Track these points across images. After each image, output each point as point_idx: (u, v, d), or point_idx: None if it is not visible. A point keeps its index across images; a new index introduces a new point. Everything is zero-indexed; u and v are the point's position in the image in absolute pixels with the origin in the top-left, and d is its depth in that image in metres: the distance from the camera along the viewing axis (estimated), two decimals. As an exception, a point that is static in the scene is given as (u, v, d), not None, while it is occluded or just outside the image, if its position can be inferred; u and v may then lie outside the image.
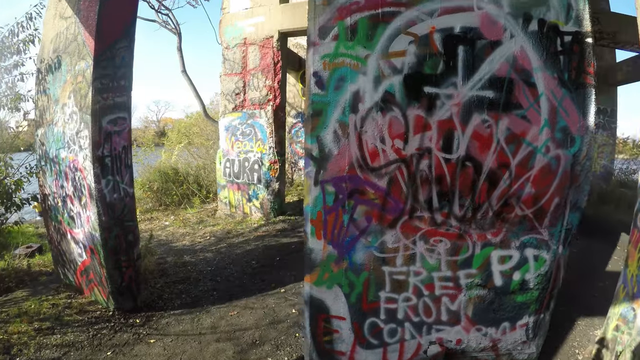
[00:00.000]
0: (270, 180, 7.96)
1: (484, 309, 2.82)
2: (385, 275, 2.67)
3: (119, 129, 3.52)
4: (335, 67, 2.45)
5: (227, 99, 8.06)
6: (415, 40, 2.43)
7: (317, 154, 2.52)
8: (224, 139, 8.25)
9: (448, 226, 2.60)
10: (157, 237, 6.90)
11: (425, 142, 2.49)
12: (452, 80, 2.44)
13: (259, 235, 7.05)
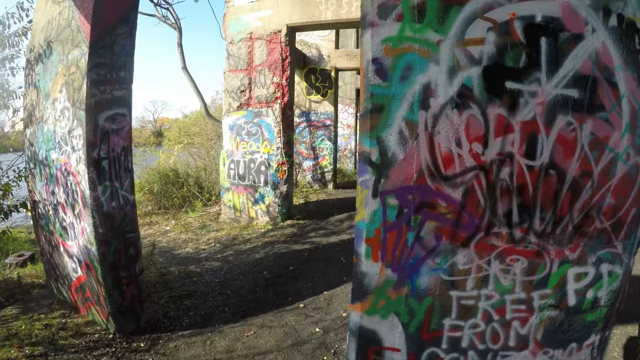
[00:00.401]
0: (278, 182, 7.51)
1: (553, 331, 2.45)
2: (452, 301, 2.24)
3: (117, 127, 3.07)
4: (400, 54, 2.02)
5: (231, 96, 7.60)
6: (494, 27, 2.01)
7: (377, 158, 2.09)
8: (228, 138, 7.79)
9: (527, 243, 2.17)
10: (158, 244, 6.44)
11: (506, 147, 2.06)
12: (536, 76, 2.03)
13: (267, 241, 6.60)
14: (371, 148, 2.08)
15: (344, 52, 11.70)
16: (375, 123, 2.06)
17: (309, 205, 9.55)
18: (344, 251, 6.17)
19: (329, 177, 12.20)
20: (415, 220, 2.11)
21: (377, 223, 2.16)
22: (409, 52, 2.01)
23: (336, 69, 11.69)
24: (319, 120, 11.91)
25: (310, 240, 6.71)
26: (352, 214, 8.80)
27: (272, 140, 7.41)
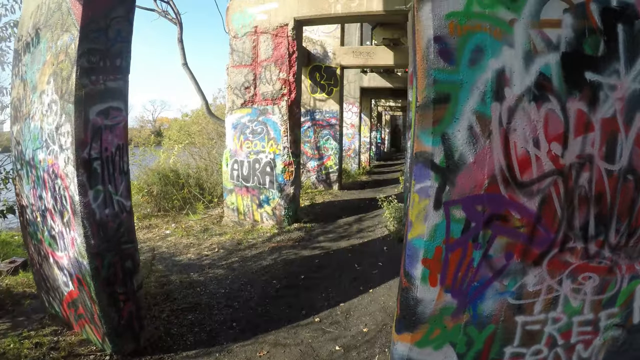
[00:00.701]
0: (284, 184, 7.14)
1: (614, 352, 2.14)
2: (517, 327, 1.89)
3: (111, 123, 2.68)
4: (469, 32, 1.69)
5: (235, 93, 7.22)
6: (570, 8, 1.66)
7: (441, 161, 1.73)
8: (232, 138, 7.42)
9: (601, 258, 1.82)
10: (158, 249, 6.06)
11: (587, 148, 1.72)
12: (615, 67, 1.69)
13: (273, 246, 6.22)
14: (434, 147, 1.71)
15: (350, 49, 11.34)
16: (440, 116, 1.70)
17: (315, 207, 9.18)
18: (356, 257, 5.80)
19: (334, 178, 11.84)
20: (484, 236, 1.74)
21: (438, 240, 1.79)
22: (478, 31, 1.66)
23: (342, 66, 11.33)
24: (324, 119, 11.54)
25: (319, 246, 6.33)
26: (361, 216, 8.44)
27: (279, 139, 7.04)
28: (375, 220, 8.09)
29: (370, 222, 7.96)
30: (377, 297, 4.46)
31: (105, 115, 2.62)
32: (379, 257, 5.86)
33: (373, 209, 9.16)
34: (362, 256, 5.87)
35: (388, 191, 12.11)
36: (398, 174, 17.17)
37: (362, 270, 5.27)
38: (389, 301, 4.35)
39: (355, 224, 7.84)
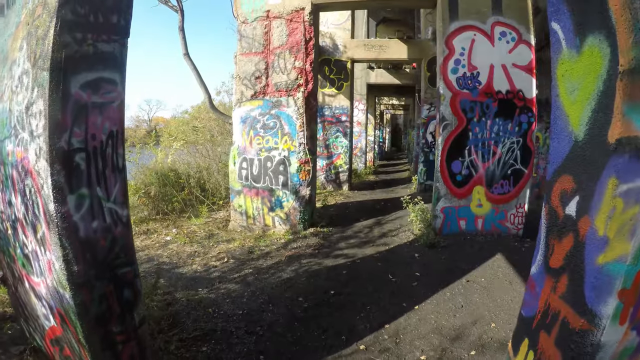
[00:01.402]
0: (300, 184, 6.42)
1: None
2: None
3: (102, 101, 1.93)
4: None
5: (244, 84, 6.50)
6: None
7: None
8: (240, 133, 6.69)
9: None
10: (159, 259, 5.34)
11: None
12: None
13: (291, 255, 5.50)
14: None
15: (361, 42, 10.66)
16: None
17: (327, 209, 8.46)
18: (387, 266, 5.10)
19: (344, 178, 11.14)
20: None
21: (640, 264, 1.10)
22: None
23: (352, 60, 10.64)
24: (334, 115, 10.84)
25: (342, 253, 5.62)
26: (380, 219, 7.73)
27: (294, 134, 6.32)
28: (397, 223, 7.39)
29: (392, 226, 7.26)
30: (425, 316, 3.76)
31: (94, 90, 1.88)
32: (413, 266, 5.15)
33: (390, 211, 8.47)
34: (394, 265, 5.16)
35: (400, 191, 11.43)
36: (406, 173, 16.54)
37: (399, 283, 4.56)
38: (441, 320, 3.66)
39: (376, 227, 7.13)
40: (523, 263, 5.10)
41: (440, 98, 6.09)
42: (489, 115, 6.15)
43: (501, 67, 6.13)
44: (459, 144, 6.15)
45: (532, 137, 6.37)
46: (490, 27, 6.09)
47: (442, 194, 6.22)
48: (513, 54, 6.16)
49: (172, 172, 8.35)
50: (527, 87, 6.19)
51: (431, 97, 10.28)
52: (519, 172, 6.35)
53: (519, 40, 6.15)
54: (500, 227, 6.38)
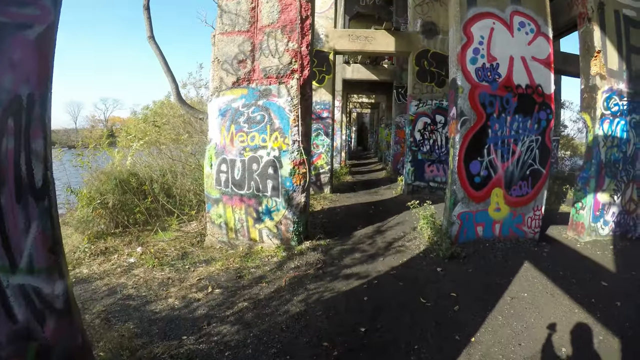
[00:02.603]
0: (294, 190, 5.39)
1: None
2: None
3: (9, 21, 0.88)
4: None
5: (224, 68, 5.38)
6: None
7: None
8: (218, 128, 5.56)
9: None
10: (122, 290, 4.16)
11: None
12: None
13: (292, 278, 4.49)
14: None
15: (346, 32, 9.75)
16: None
17: (316, 216, 7.46)
18: (413, 286, 4.28)
19: (325, 180, 10.18)
20: None
21: None
22: None
23: (335, 51, 9.72)
24: (314, 111, 9.84)
25: (352, 272, 4.68)
26: (378, 226, 6.85)
27: (286, 130, 5.28)
28: (399, 231, 6.53)
29: (394, 233, 6.39)
30: (488, 350, 3.03)
31: None
32: (442, 284, 4.35)
33: (386, 216, 7.62)
34: (419, 285, 4.32)
35: (385, 193, 10.67)
36: (382, 173, 15.84)
37: (437, 308, 3.74)
38: (508, 353, 3.02)
39: (377, 236, 6.23)
40: (553, 270, 4.75)
41: (458, 90, 5.28)
42: (508, 111, 5.44)
43: (520, 60, 5.48)
44: (477, 142, 5.38)
45: (551, 135, 5.73)
46: (510, 17, 5.47)
47: (459, 198, 5.41)
48: (532, 46, 5.55)
49: (132, 177, 7.04)
50: (546, 82, 5.62)
51: (420, 92, 9.55)
52: (537, 172, 5.69)
53: (537, 32, 5.58)
54: (518, 232, 5.72)
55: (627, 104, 5.98)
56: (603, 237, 6.10)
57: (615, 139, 5.95)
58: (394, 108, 14.20)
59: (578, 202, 6.12)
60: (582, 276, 4.66)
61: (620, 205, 6.16)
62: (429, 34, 9.45)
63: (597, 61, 5.78)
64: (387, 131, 18.07)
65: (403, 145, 14.23)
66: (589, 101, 5.94)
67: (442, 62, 9.46)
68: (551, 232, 6.37)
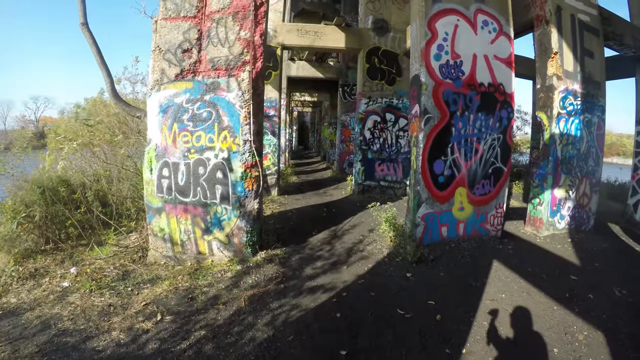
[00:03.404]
0: (246, 196, 4.85)
1: None
2: None
3: None
4: None
5: (166, 59, 4.71)
6: None
7: None
8: (159, 127, 4.88)
9: None
10: (57, 323, 3.42)
11: None
12: None
13: (251, 296, 3.97)
14: None
15: (294, 26, 9.26)
16: None
17: (267, 222, 6.93)
18: (386, 296, 4.02)
19: (272, 181, 9.66)
20: None
21: None
22: None
23: (283, 46, 9.22)
24: (261, 110, 9.27)
25: (317, 285, 4.27)
26: (334, 230, 6.48)
27: (236, 129, 4.73)
28: (356, 234, 6.21)
29: (352, 237, 6.05)
30: None
31: None
32: (416, 291, 4.15)
33: (340, 218, 7.28)
34: (392, 294, 4.05)
35: (334, 193, 10.35)
36: (328, 173, 15.54)
37: (418, 320, 3.50)
38: None
39: (336, 242, 5.86)
40: (522, 268, 4.77)
41: (421, 87, 5.04)
42: (471, 109, 5.32)
43: (483, 58, 5.42)
44: (441, 141, 5.20)
45: (511, 134, 5.70)
46: (473, 14, 5.41)
47: (423, 199, 5.18)
48: (495, 45, 5.52)
49: (62, 185, 6.08)
50: (507, 81, 5.62)
51: (370, 90, 9.32)
52: (499, 170, 5.64)
53: (500, 31, 5.58)
54: (481, 230, 5.65)
55: (581, 103, 6.15)
56: (560, 231, 6.25)
57: (571, 137, 6.08)
58: (340, 106, 13.96)
59: (535, 198, 6.19)
60: (550, 271, 4.70)
61: (574, 200, 6.32)
62: (380, 31, 9.25)
63: (554, 62, 5.89)
64: (331, 130, 17.85)
65: (349, 144, 14.07)
66: (546, 100, 6.01)
67: (392, 60, 9.31)
68: (508, 227, 6.42)
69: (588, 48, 6.34)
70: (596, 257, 5.26)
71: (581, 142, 6.28)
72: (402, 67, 9.36)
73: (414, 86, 5.29)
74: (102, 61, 7.87)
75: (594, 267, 4.94)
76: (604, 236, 6.47)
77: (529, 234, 6.20)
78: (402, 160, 9.59)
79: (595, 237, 6.28)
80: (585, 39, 6.29)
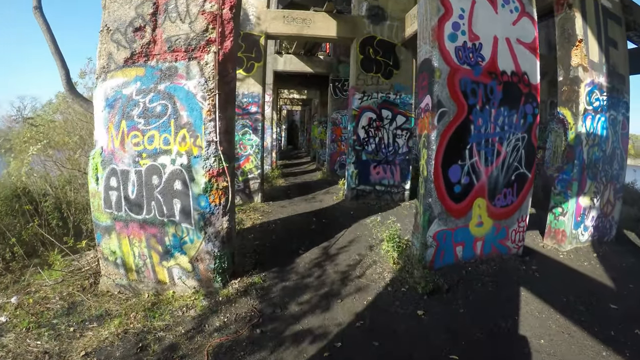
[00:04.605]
0: (211, 212, 3.84)
1: None
2: None
3: None
4: None
5: (114, 39, 3.69)
6: None
7: None
8: (105, 125, 3.87)
9: None
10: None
11: None
12: None
13: (217, 346, 3.01)
14: None
15: (280, 13, 8.26)
16: None
17: (245, 237, 5.91)
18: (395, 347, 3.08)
19: (255, 186, 8.63)
20: None
21: None
22: None
23: (267, 35, 8.19)
24: (241, 106, 8.27)
25: (303, 329, 3.32)
26: (326, 248, 5.52)
27: (198, 126, 3.71)
28: (352, 253, 5.25)
29: (348, 257, 5.10)
30: None
31: None
32: (432, 338, 3.23)
33: (332, 231, 6.31)
34: (402, 343, 3.11)
35: (324, 199, 9.35)
36: (318, 175, 14.53)
37: None
38: None
39: (327, 263, 4.88)
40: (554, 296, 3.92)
41: (433, 74, 4.07)
42: (493, 103, 4.38)
43: (505, 41, 4.48)
44: (458, 142, 4.23)
45: (536, 133, 4.79)
46: None
47: (435, 214, 4.21)
48: (517, 27, 4.59)
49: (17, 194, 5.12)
50: (532, 70, 4.68)
51: (364, 84, 8.34)
52: (523, 177, 4.72)
53: (522, 11, 4.63)
54: (501, 248, 4.75)
55: (607, 99, 5.30)
56: (583, 244, 5.47)
57: (597, 137, 5.22)
58: (330, 103, 12.96)
59: (557, 207, 5.31)
60: (586, 299, 3.91)
61: (599, 209, 5.50)
62: (375, 19, 8.26)
63: (579, 51, 5.06)
64: (321, 129, 16.84)
65: (340, 144, 13.08)
66: (570, 95, 5.14)
67: (389, 51, 8.33)
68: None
69: (612, 37, 5.51)
70: (628, 276, 4.56)
71: (607, 142, 5.42)
72: (399, 59, 8.40)
73: (423, 73, 4.31)
74: (56, 49, 6.80)
75: (630, 289, 4.20)
76: (625, 247, 5.74)
77: (550, 249, 5.35)
78: (400, 162, 8.62)
79: (618, 250, 5.53)
80: (609, 27, 5.46)
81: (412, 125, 8.61)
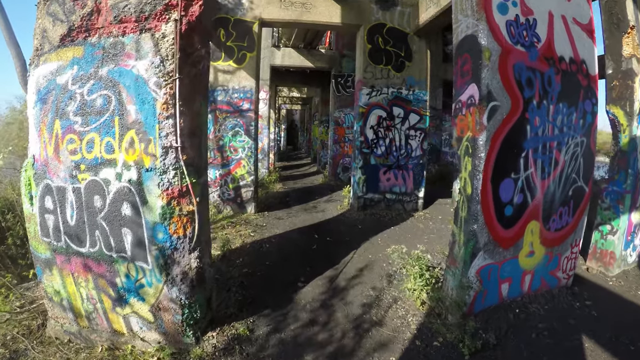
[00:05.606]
0: (173, 247, 2.80)
1: None
2: None
3: None
4: None
5: (50, 12, 2.70)
6: None
7: None
8: (36, 126, 2.89)
9: None
10: None
11: None
12: None
13: None
14: None
15: (277, -4, 7.20)
16: None
17: (233, 262, 4.87)
18: None
19: (247, 195, 7.59)
20: None
21: None
22: None
23: (262, 21, 7.15)
24: (232, 102, 7.24)
25: None
26: (332, 278, 4.51)
27: (150, 126, 2.65)
28: (366, 285, 4.25)
29: (360, 292, 4.09)
30: None
31: None
32: None
33: (339, 252, 5.31)
34: None
35: (326, 208, 8.33)
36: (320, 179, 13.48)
37: None
38: None
39: (335, 302, 3.86)
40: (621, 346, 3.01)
41: (481, 55, 3.02)
42: (551, 97, 3.35)
43: (561, 19, 3.46)
44: (511, 148, 3.18)
45: (595, 137, 3.79)
46: None
47: (481, 244, 3.17)
48: (572, 3, 3.57)
49: None
50: (590, 58, 3.67)
51: (373, 77, 7.31)
52: (580, 191, 3.73)
53: None
54: (551, 281, 3.79)
55: (663, 97, 4.30)
56: (630, 266, 4.61)
57: (652, 141, 4.23)
58: (332, 101, 11.91)
59: (605, 224, 4.38)
60: None
61: None
62: (384, 4, 7.22)
63: (630, 39, 4.15)
64: (322, 129, 15.80)
65: (343, 145, 12.05)
66: (622, 91, 4.19)
67: (401, 41, 7.30)
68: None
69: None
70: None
71: (663, 148, 4.45)
72: (412, 50, 7.36)
73: (465, 55, 3.22)
74: (10, 37, 5.82)
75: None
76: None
77: (596, 273, 4.44)
78: (413, 167, 7.59)
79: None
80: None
81: (427, 125, 7.60)
